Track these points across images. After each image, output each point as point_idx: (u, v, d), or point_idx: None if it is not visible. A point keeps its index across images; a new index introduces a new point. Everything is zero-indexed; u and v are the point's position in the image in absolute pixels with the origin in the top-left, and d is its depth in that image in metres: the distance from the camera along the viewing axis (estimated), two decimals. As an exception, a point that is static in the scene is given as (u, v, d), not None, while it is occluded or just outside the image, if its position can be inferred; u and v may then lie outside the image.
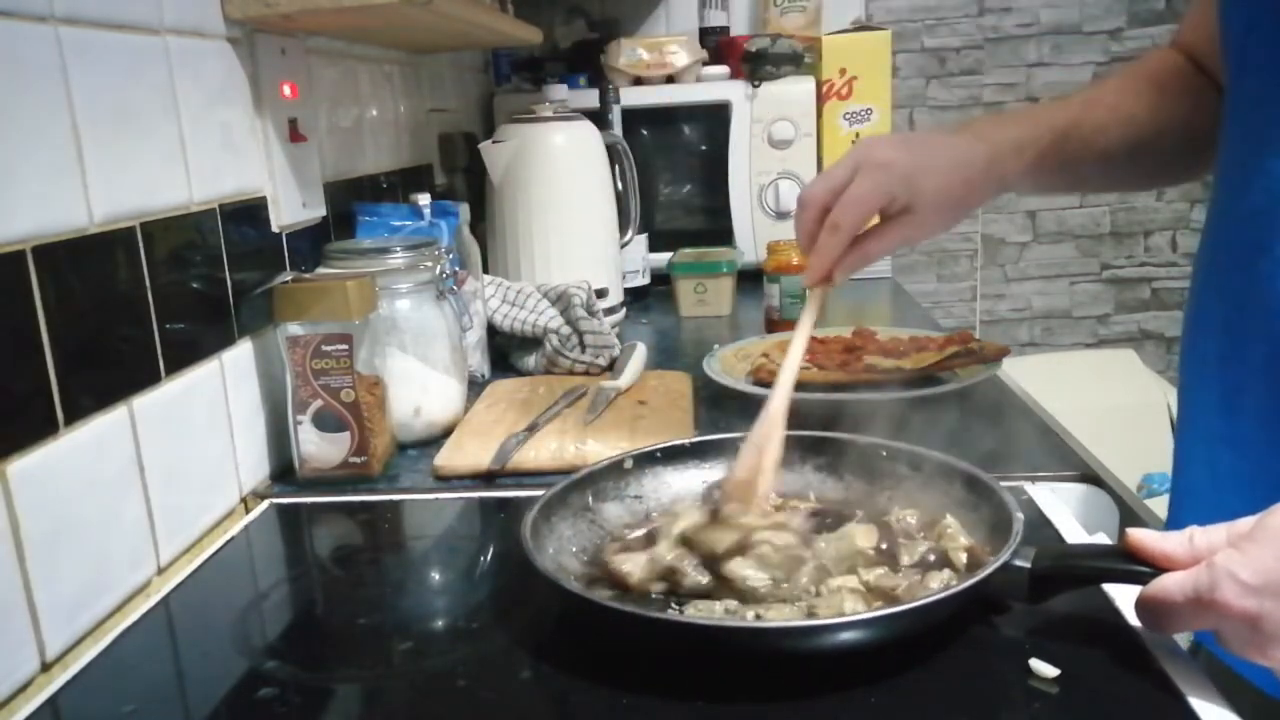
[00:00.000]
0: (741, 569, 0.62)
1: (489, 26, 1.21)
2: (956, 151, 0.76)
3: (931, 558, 0.64)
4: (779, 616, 0.58)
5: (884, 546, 0.65)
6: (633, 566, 0.62)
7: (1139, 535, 0.54)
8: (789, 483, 0.78)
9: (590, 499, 0.73)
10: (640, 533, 0.66)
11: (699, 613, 0.61)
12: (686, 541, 0.64)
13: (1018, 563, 0.58)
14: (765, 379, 1.03)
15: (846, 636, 0.54)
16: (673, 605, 0.62)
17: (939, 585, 0.60)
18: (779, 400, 0.73)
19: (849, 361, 1.06)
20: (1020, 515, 0.61)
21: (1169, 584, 0.52)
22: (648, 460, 0.77)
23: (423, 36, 1.30)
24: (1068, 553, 0.64)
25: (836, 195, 0.73)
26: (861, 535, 0.65)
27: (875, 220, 0.76)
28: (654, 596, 0.63)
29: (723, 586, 0.62)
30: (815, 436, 0.79)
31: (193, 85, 0.82)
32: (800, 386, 0.99)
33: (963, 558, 0.63)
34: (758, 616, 0.58)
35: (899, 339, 1.13)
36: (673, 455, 0.78)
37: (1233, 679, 0.60)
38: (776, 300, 1.37)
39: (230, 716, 0.57)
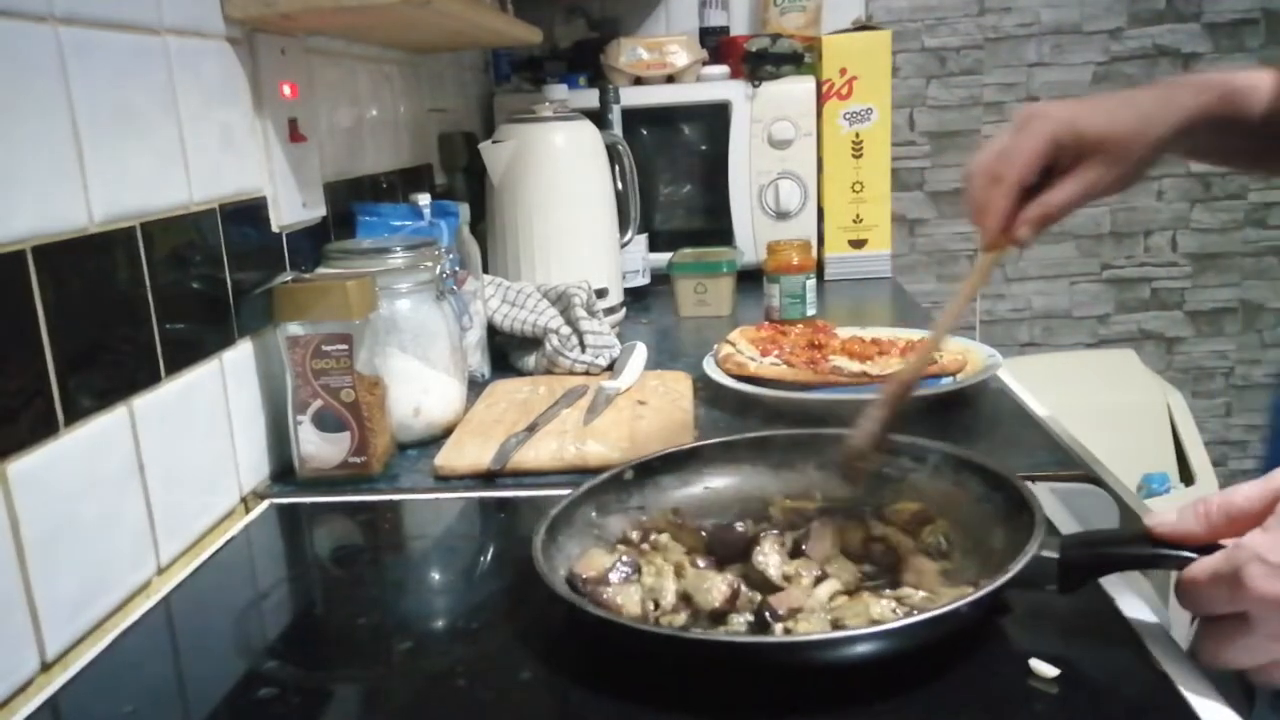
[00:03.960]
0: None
1: (489, 26, 1.21)
2: (1123, 95, 0.72)
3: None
4: (807, 629, 0.57)
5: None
6: (624, 599, 0.62)
7: (1156, 520, 0.55)
8: (792, 483, 0.77)
9: (594, 514, 0.72)
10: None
11: (722, 626, 0.60)
12: (684, 595, 0.63)
13: (1045, 554, 0.57)
14: (734, 371, 1.04)
15: (876, 646, 0.54)
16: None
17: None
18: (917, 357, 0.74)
19: (816, 360, 1.07)
20: (1040, 503, 0.61)
21: (1196, 569, 0.52)
22: (647, 470, 0.77)
23: (423, 36, 1.29)
24: (1096, 540, 0.63)
25: (999, 155, 0.70)
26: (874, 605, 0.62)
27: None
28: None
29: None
30: (814, 434, 0.79)
31: (192, 85, 0.82)
32: (771, 384, 1.01)
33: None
34: (787, 631, 0.57)
35: (860, 340, 1.14)
36: (672, 463, 0.78)
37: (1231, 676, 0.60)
38: (776, 300, 1.37)
39: (230, 716, 0.57)
